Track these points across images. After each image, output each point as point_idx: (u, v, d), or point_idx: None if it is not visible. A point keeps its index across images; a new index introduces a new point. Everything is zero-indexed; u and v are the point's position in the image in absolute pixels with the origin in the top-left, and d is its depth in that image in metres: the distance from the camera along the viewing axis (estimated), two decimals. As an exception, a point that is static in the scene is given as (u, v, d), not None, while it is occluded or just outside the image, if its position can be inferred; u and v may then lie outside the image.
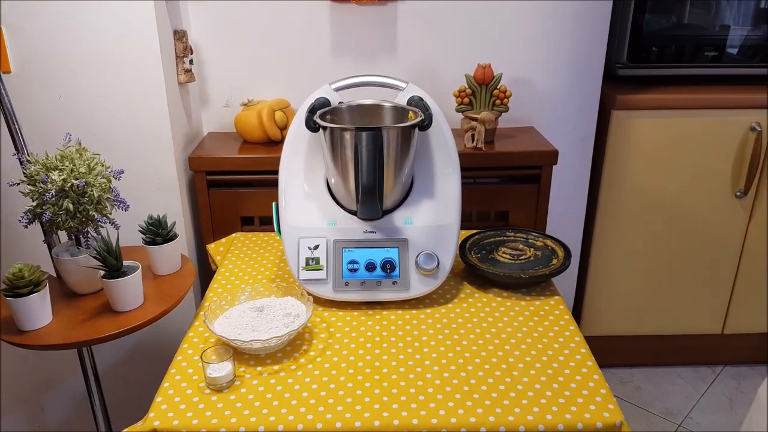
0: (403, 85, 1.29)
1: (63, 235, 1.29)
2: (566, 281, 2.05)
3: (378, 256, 1.20)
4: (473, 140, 1.58)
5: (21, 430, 1.75)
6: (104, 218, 1.18)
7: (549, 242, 1.37)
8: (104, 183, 1.17)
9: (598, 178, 1.90)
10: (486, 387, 0.97)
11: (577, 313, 2.10)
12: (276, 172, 1.27)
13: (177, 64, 1.55)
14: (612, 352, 2.11)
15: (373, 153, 1.10)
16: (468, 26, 1.70)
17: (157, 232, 1.27)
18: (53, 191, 1.11)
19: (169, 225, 1.29)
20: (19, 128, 1.26)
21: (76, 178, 1.13)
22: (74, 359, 1.45)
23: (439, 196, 1.24)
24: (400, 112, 1.27)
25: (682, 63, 1.85)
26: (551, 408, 0.92)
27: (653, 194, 1.88)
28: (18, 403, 1.72)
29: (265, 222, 1.63)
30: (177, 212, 1.57)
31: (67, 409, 1.76)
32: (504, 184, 1.64)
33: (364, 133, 1.10)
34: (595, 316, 2.07)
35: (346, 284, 1.19)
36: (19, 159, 1.24)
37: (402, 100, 1.28)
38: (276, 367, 1.03)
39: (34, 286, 1.09)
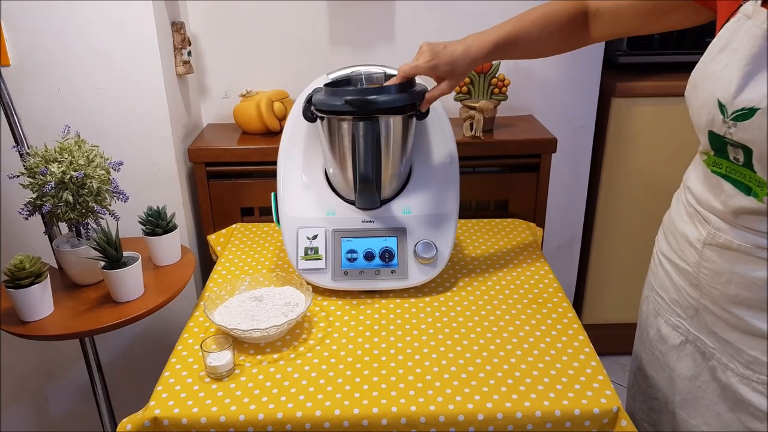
0: (401, 73, 1.28)
1: (64, 227, 1.30)
2: (567, 269, 2.06)
3: (376, 245, 1.20)
4: (472, 129, 1.58)
5: (26, 420, 1.77)
6: (104, 209, 1.19)
7: None
8: (103, 175, 1.18)
9: (599, 166, 1.90)
10: (484, 374, 0.97)
11: (578, 301, 2.11)
12: (275, 163, 1.28)
13: (175, 56, 1.55)
14: (614, 340, 2.11)
15: (371, 142, 1.10)
16: (466, 14, 1.70)
17: (157, 223, 1.28)
18: (53, 183, 1.12)
19: (168, 216, 1.29)
20: (18, 121, 1.26)
21: (75, 170, 1.14)
22: (77, 350, 1.47)
23: (438, 185, 1.24)
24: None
25: (683, 50, 1.85)
26: (548, 394, 0.92)
27: (654, 182, 1.88)
28: (22, 394, 1.73)
29: (264, 212, 1.64)
30: (177, 203, 1.57)
31: (71, 399, 1.77)
32: (503, 173, 1.64)
33: (361, 123, 1.10)
34: (596, 303, 2.08)
35: (345, 273, 1.20)
36: (19, 151, 1.24)
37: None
38: (275, 356, 1.04)
39: (35, 278, 1.10)
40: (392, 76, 1.27)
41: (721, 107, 0.80)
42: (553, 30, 1.09)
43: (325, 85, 1.19)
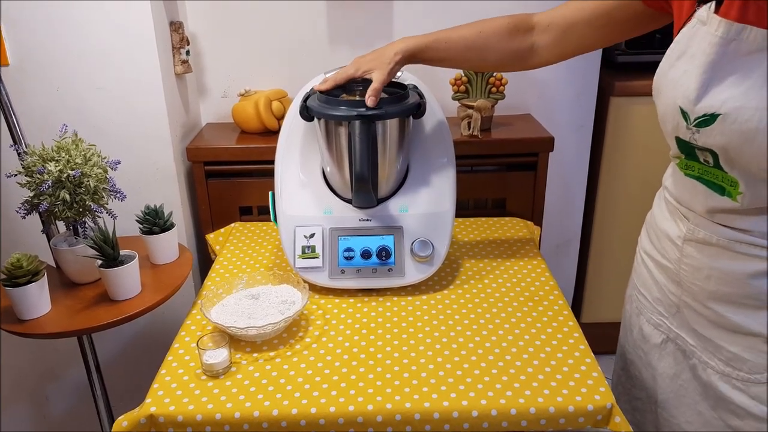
0: (399, 73, 1.28)
1: (62, 226, 1.31)
2: (566, 268, 2.06)
3: (373, 243, 1.20)
4: (469, 128, 1.58)
5: (26, 419, 1.77)
6: (101, 208, 1.20)
7: None
8: (100, 173, 1.18)
9: (598, 164, 1.90)
10: (479, 371, 0.98)
11: (577, 299, 2.11)
12: (274, 162, 1.28)
13: (174, 56, 1.55)
14: (614, 339, 2.11)
15: (367, 142, 1.11)
16: (463, 15, 1.70)
17: (155, 222, 1.28)
18: (50, 182, 1.12)
19: (165, 214, 1.30)
20: (16, 120, 1.27)
21: (72, 169, 1.14)
22: (76, 350, 1.47)
23: (434, 183, 1.25)
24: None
25: (682, 49, 1.84)
26: (543, 391, 0.93)
27: (653, 180, 1.86)
28: (22, 393, 1.74)
29: (263, 212, 1.64)
30: (176, 202, 1.58)
31: (71, 398, 1.78)
32: (501, 172, 1.65)
33: (357, 122, 1.10)
34: (595, 302, 2.08)
35: (342, 272, 1.20)
36: (17, 150, 1.25)
37: (396, 88, 1.28)
38: (272, 354, 1.04)
39: (33, 276, 1.10)
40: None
41: (684, 114, 0.81)
42: (489, 35, 1.08)
43: (319, 90, 1.20)
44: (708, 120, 0.77)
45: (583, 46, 1.07)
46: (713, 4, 0.78)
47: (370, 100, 1.08)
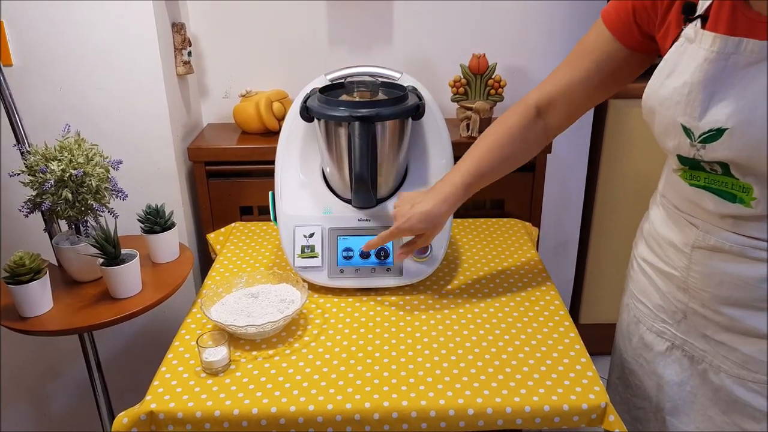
0: (398, 75, 1.30)
1: (64, 225, 1.32)
2: (565, 269, 2.07)
3: (372, 243, 1.22)
4: (468, 129, 1.59)
5: (27, 417, 1.78)
6: (103, 207, 1.21)
7: None
8: (102, 173, 1.19)
9: (596, 166, 1.90)
10: (475, 370, 0.99)
11: (576, 301, 2.11)
12: (274, 162, 1.29)
13: (175, 56, 1.57)
14: (612, 340, 2.12)
15: (366, 143, 1.12)
16: (463, 16, 1.71)
17: (156, 221, 1.29)
18: (52, 181, 1.13)
19: (166, 214, 1.31)
20: (19, 120, 1.28)
21: (75, 168, 1.15)
22: (77, 348, 1.48)
23: (433, 184, 1.25)
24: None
25: (680, 51, 1.85)
26: (538, 390, 0.94)
27: (652, 182, 1.87)
28: (23, 391, 1.75)
29: (263, 212, 1.65)
30: (177, 202, 1.59)
31: (72, 396, 1.79)
32: (499, 173, 1.65)
33: (357, 123, 1.11)
34: (594, 303, 2.08)
35: (341, 271, 1.21)
36: (20, 150, 1.26)
37: (396, 90, 1.29)
38: (270, 352, 1.05)
39: (35, 274, 1.11)
40: (386, 79, 1.28)
41: (687, 131, 0.80)
42: (513, 146, 1.06)
43: (320, 91, 1.21)
44: (714, 135, 0.76)
45: (590, 103, 1.05)
46: (698, 21, 0.78)
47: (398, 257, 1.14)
